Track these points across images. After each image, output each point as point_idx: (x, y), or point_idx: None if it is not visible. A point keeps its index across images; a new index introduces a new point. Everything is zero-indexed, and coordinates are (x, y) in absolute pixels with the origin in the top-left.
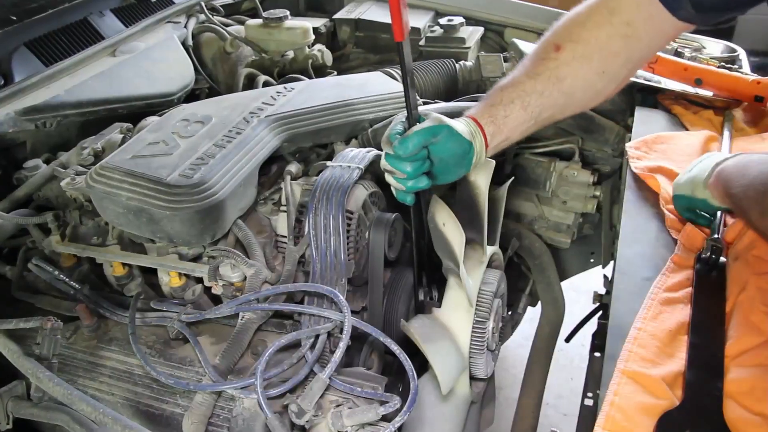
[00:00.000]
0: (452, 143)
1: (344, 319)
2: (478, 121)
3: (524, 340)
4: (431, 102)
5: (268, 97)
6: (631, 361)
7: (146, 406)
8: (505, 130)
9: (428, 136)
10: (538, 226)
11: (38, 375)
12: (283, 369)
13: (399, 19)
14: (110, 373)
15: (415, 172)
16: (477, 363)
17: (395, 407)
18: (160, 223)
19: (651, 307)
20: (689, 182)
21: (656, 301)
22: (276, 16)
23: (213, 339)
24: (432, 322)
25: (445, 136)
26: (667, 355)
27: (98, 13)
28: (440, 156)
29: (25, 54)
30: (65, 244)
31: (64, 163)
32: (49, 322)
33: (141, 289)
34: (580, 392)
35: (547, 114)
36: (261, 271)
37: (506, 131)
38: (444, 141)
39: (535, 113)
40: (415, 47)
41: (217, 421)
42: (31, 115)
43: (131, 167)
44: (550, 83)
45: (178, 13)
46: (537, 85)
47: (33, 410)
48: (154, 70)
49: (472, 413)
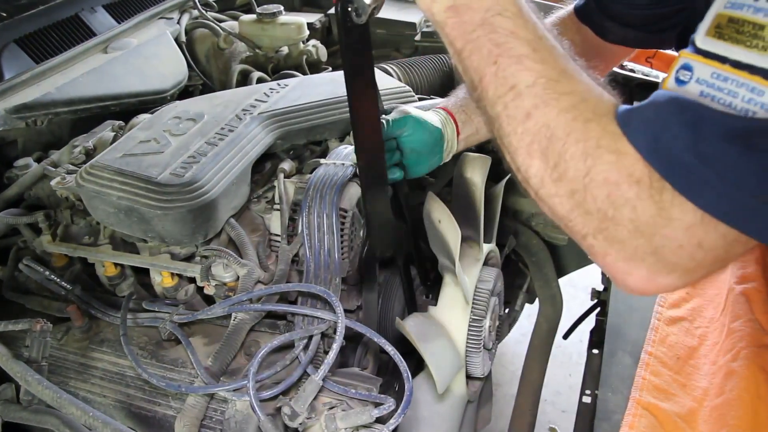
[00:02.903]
0: (421, 133)
1: (338, 319)
2: (449, 110)
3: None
4: (426, 98)
5: (261, 93)
6: (645, 390)
7: (138, 408)
8: (476, 120)
9: (395, 127)
10: (536, 222)
11: (27, 378)
12: (276, 370)
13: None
14: (102, 374)
15: (386, 163)
16: (473, 362)
17: (390, 409)
18: (151, 223)
19: (658, 329)
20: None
21: (662, 321)
22: (270, 11)
23: (206, 340)
24: (428, 321)
25: (412, 127)
26: (680, 385)
27: (89, 9)
28: (411, 147)
29: (15, 51)
30: (56, 243)
31: (55, 161)
32: (38, 324)
33: (133, 289)
34: (578, 389)
35: None
36: (254, 270)
37: (477, 122)
38: (412, 131)
39: None
40: (410, 43)
41: (209, 424)
42: (21, 113)
43: (121, 166)
44: None
45: (170, 9)
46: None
47: (22, 414)
48: (147, 66)
49: (469, 412)
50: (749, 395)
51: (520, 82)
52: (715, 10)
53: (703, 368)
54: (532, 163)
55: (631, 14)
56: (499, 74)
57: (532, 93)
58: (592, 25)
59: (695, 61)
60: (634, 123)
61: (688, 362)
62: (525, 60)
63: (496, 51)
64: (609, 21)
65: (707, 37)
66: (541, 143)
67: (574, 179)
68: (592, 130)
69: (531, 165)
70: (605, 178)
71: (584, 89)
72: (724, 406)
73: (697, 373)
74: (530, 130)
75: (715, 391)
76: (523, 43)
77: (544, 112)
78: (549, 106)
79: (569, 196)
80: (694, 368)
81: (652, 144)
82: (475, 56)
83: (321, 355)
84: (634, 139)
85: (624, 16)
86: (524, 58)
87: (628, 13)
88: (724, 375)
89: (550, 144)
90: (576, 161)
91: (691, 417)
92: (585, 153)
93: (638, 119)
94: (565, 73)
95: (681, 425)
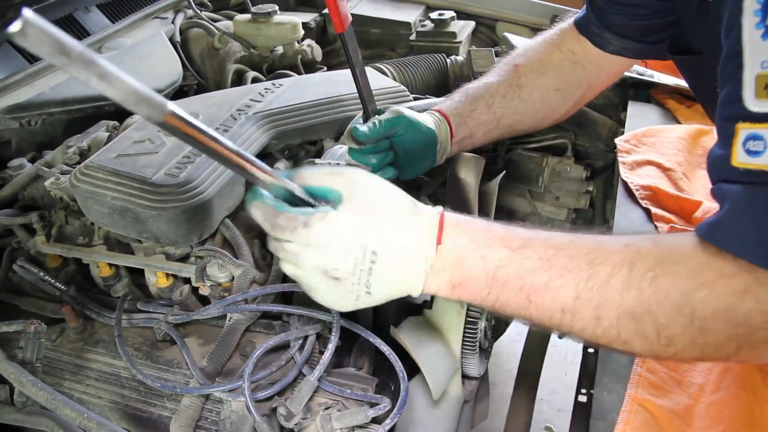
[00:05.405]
0: (414, 133)
1: (333, 319)
2: (443, 112)
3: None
4: (421, 98)
5: (256, 93)
6: (641, 387)
7: (133, 409)
8: (470, 124)
9: (387, 126)
10: (531, 222)
11: (21, 380)
12: (272, 371)
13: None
14: (97, 375)
15: (380, 163)
16: (469, 363)
17: (385, 409)
18: (145, 223)
19: None
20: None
21: None
22: (265, 11)
23: (201, 340)
24: (422, 325)
25: (405, 127)
26: (676, 382)
27: (83, 8)
28: (404, 147)
29: (9, 51)
30: (51, 244)
31: (49, 162)
32: (32, 326)
33: (128, 289)
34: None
35: (508, 120)
36: (249, 271)
37: (471, 125)
38: (406, 132)
39: (498, 114)
40: (405, 42)
41: (205, 424)
42: (15, 113)
43: (116, 166)
44: (511, 89)
45: (165, 9)
46: (500, 88)
47: (17, 415)
48: (141, 66)
49: (465, 412)
50: (745, 392)
51: (566, 301)
52: (752, 73)
53: (700, 365)
54: (634, 347)
55: (629, 25)
56: (542, 308)
57: (584, 301)
58: (591, 36)
59: (764, 129)
60: (729, 237)
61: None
62: (551, 284)
63: (522, 295)
64: (608, 32)
65: (759, 99)
66: (627, 330)
67: (683, 334)
68: (662, 286)
69: (633, 348)
70: (714, 310)
71: (612, 251)
72: (720, 403)
73: (694, 369)
74: (607, 328)
75: (710, 388)
76: (537, 271)
77: (606, 312)
78: (607, 301)
79: (691, 346)
80: (690, 365)
81: (759, 249)
82: (508, 309)
83: (316, 355)
84: (739, 251)
85: (622, 27)
86: (549, 284)
87: (626, 24)
88: (720, 371)
89: (636, 325)
90: (671, 320)
91: (687, 413)
92: (674, 306)
93: (731, 231)
94: (588, 256)
95: (676, 422)
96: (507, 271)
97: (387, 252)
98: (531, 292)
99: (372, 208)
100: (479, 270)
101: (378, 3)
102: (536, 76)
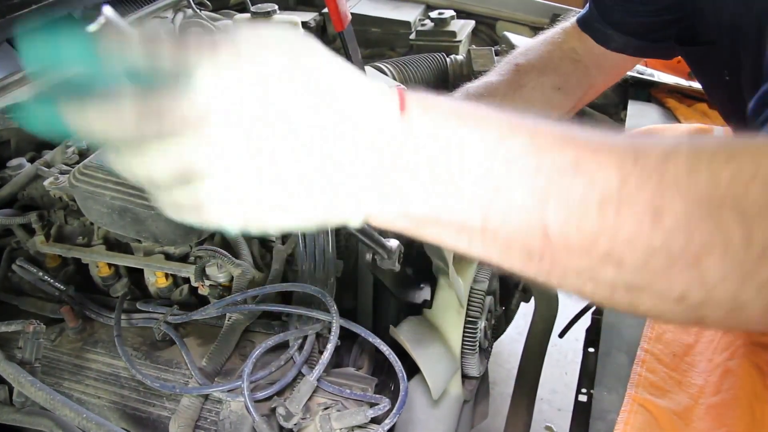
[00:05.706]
0: None
1: (332, 319)
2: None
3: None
4: None
5: None
6: (641, 387)
7: (133, 410)
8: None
9: None
10: None
11: (20, 380)
12: (271, 371)
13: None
14: (96, 375)
15: None
16: (469, 362)
17: (385, 409)
18: (144, 223)
19: (654, 326)
20: None
21: None
22: (264, 10)
23: (200, 340)
24: (422, 325)
25: None
26: (676, 382)
27: (83, 8)
28: None
29: (8, 51)
30: (50, 244)
31: (49, 161)
32: (31, 326)
33: (127, 289)
34: (575, 387)
35: None
36: (248, 270)
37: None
38: None
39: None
40: (405, 41)
41: (204, 424)
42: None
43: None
44: (512, 88)
45: (164, 8)
46: (501, 87)
47: (16, 416)
48: None
49: (465, 412)
50: (746, 394)
51: (607, 188)
52: None
53: (699, 365)
54: (708, 267)
55: (632, 22)
56: (569, 206)
57: (634, 186)
58: (593, 32)
59: None
60: None
61: (684, 359)
62: (582, 164)
63: (535, 195)
64: (610, 29)
65: None
66: (701, 232)
67: None
68: (743, 164)
69: (707, 268)
70: None
71: (657, 142)
72: (721, 405)
73: (693, 370)
74: (671, 230)
75: (711, 390)
76: (555, 147)
77: (670, 201)
78: (669, 184)
79: None
80: (690, 365)
81: None
82: (507, 226)
83: (316, 355)
84: None
85: (625, 24)
86: (579, 163)
87: (629, 21)
88: (720, 373)
89: (713, 222)
90: (765, 209)
91: (687, 414)
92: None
93: None
94: (630, 139)
95: (677, 422)
96: (511, 144)
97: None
98: (549, 181)
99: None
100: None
101: (378, 2)
102: (537, 75)
